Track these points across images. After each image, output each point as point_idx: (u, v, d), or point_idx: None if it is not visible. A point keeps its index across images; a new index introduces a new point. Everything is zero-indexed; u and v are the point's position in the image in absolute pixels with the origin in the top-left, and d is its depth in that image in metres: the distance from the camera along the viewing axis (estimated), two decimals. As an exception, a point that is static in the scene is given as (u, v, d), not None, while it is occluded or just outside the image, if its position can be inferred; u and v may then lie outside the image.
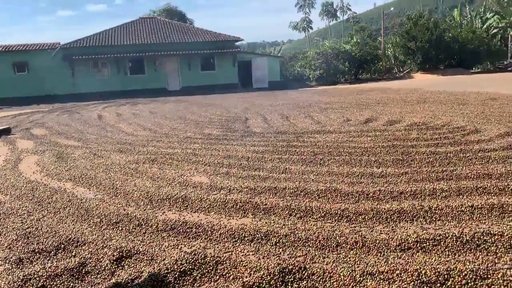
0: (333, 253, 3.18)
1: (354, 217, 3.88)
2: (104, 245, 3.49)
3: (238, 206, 4.31)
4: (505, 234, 3.19)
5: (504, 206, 3.82)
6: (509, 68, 34.33)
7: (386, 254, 3.11)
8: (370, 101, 15.11)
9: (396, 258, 3.03)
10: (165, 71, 30.19)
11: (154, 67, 29.82)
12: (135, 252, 3.34)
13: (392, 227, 3.62)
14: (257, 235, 3.55)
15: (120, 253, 3.31)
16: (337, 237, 3.40)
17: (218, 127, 10.41)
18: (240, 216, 4.11)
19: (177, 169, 6.15)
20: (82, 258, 3.29)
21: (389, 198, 4.32)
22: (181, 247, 3.43)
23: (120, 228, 3.96)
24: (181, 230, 3.81)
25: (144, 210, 4.43)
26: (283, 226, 3.73)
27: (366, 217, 3.85)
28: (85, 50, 28.50)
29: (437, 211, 3.82)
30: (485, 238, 3.17)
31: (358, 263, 2.97)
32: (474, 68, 35.64)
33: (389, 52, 40.77)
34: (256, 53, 39.40)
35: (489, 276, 2.66)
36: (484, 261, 2.89)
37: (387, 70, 38.62)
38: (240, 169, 5.90)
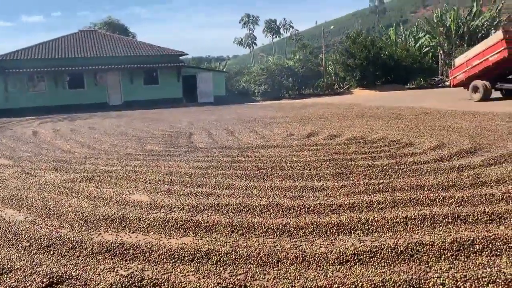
0: (274, 269, 3.18)
1: (295, 231, 3.91)
2: (33, 271, 3.26)
3: (178, 225, 4.21)
4: (435, 244, 3.34)
5: (435, 216, 4.02)
6: (440, 84, 36.70)
7: (325, 268, 3.15)
8: (313, 115, 15.51)
9: (334, 271, 3.07)
10: (106, 85, 29.31)
11: (94, 81, 28.87)
12: (67, 277, 3.14)
13: (331, 240, 3.69)
14: (198, 254, 3.47)
15: (51, 279, 3.10)
16: (278, 253, 3.40)
17: (160, 142, 10.20)
18: (181, 235, 4.01)
19: (115, 187, 5.93)
20: (8, 287, 3.05)
21: (328, 211, 4.41)
22: (117, 270, 3.27)
23: (51, 252, 3.72)
24: (117, 252, 3.65)
25: (79, 232, 4.21)
26: (225, 244, 3.69)
27: (307, 231, 3.90)
28: (20, 63, 27.09)
29: (373, 223, 3.94)
30: (417, 248, 3.30)
31: (298, 278, 2.98)
32: (408, 84, 37.76)
33: (330, 69, 42.29)
34: (201, 67, 39.33)
35: (421, 285, 2.76)
36: (416, 270, 3.00)
37: (329, 86, 39.97)
38: (182, 186, 5.78)
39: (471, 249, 3.26)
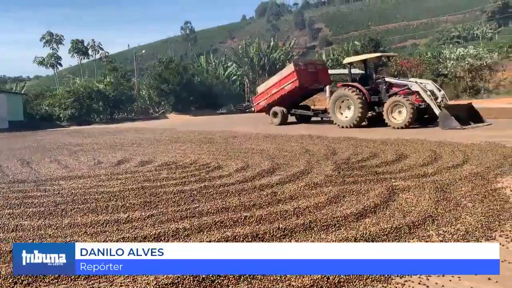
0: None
1: (93, 272, 3.55)
2: None
3: None
4: (235, 265, 3.44)
5: (236, 237, 4.18)
6: (247, 110, 39.96)
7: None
8: (125, 141, 14.93)
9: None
10: None
11: None
12: None
13: (133, 276, 3.46)
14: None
15: None
16: (71, 301, 3.01)
17: None
18: None
19: None
20: None
21: (133, 244, 4.16)
22: None
23: None
24: None
25: None
26: (3, 300, 3.10)
27: (107, 270, 3.58)
28: None
29: (178, 252, 3.86)
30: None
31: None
32: (220, 109, 40.01)
33: (144, 93, 41.85)
34: (-9, 89, 34.11)
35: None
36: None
37: (143, 110, 39.41)
38: (-48, 233, 4.72)
39: (267, 266, 3.46)
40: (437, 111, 14.28)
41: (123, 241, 4.22)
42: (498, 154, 8.36)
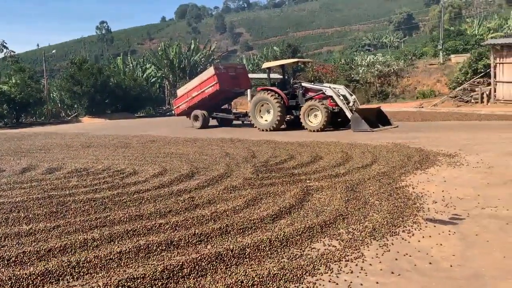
0: None
1: (-15, 293, 3.21)
2: None
3: None
4: (147, 275, 3.31)
5: (150, 245, 4.03)
6: (168, 113, 39.12)
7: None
8: (32, 147, 13.84)
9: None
10: None
11: None
12: None
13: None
14: None
15: None
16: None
17: None
18: None
19: None
20: None
21: (34, 259, 3.83)
22: None
23: None
24: None
25: None
26: None
27: (2, 290, 3.25)
28: None
29: (85, 264, 3.62)
30: (129, 284, 3.19)
31: None
32: (138, 113, 38.66)
33: (55, 95, 39.24)
34: None
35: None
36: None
37: (54, 114, 36.91)
38: None
39: (180, 274, 3.37)
40: (349, 114, 15.06)
41: (23, 256, 3.87)
42: (403, 154, 9.00)
